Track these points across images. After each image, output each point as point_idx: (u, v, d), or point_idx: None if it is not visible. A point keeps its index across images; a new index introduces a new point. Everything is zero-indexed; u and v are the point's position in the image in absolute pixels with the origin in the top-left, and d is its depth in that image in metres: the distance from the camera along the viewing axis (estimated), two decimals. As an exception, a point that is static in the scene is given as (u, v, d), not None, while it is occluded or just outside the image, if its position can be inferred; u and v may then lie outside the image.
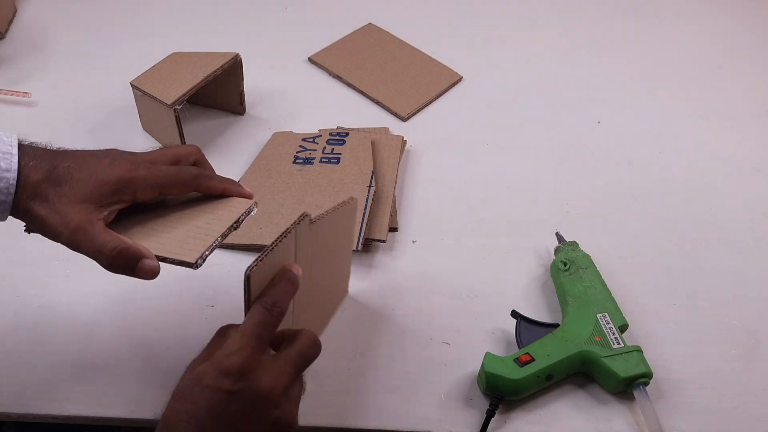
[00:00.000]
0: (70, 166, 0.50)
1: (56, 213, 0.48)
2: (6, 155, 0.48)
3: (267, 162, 0.81)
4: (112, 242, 0.48)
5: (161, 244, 0.50)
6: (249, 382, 0.45)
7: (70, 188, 0.49)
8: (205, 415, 0.44)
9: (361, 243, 0.70)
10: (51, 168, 0.49)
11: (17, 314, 0.66)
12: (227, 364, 0.45)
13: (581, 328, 0.63)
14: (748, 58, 1.03)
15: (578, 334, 0.62)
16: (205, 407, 0.44)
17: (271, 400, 0.45)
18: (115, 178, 0.50)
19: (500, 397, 0.59)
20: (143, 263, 0.48)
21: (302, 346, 0.49)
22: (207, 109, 0.89)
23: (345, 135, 0.83)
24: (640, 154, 0.86)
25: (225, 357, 0.45)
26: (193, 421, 0.43)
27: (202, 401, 0.44)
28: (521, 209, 0.79)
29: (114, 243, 0.48)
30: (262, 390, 0.45)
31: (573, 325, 0.63)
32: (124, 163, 0.51)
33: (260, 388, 0.45)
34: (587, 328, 0.63)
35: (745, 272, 0.73)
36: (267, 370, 0.46)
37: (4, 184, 0.48)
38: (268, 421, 0.45)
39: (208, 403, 0.44)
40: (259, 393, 0.45)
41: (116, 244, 0.48)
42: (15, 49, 0.96)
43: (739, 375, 0.64)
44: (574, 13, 1.09)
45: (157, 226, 0.53)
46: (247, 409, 0.45)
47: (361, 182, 0.76)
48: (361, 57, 0.98)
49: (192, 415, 0.44)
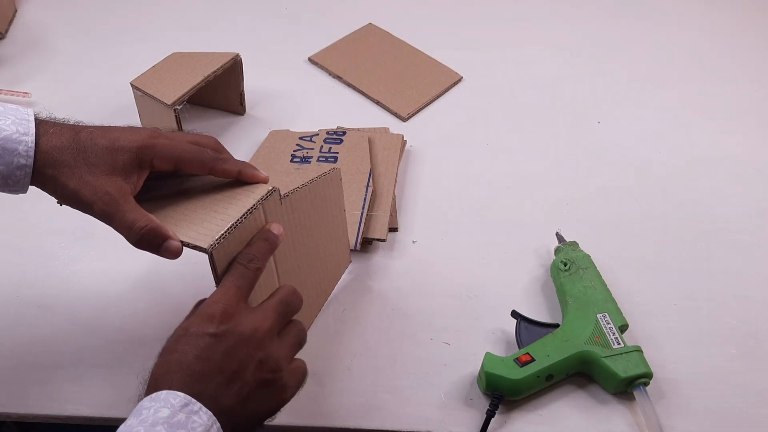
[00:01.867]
0: (93, 131, 0.51)
1: (88, 185, 0.50)
2: (23, 121, 0.50)
3: (264, 160, 0.81)
4: (143, 220, 0.50)
5: (178, 227, 0.51)
6: (232, 325, 0.46)
7: (95, 156, 0.50)
8: (192, 361, 0.45)
9: (360, 242, 0.70)
10: (74, 134, 0.51)
11: (17, 314, 0.66)
12: (210, 311, 0.47)
13: (581, 329, 0.63)
14: (748, 58, 1.03)
15: (578, 335, 0.62)
16: (192, 353, 0.45)
17: (255, 341, 0.47)
18: (137, 144, 0.51)
19: (500, 397, 0.59)
20: (168, 243, 0.50)
21: (282, 294, 0.51)
22: (207, 109, 0.89)
23: (342, 134, 0.83)
24: (639, 154, 0.86)
25: (208, 305, 0.47)
26: (181, 369, 0.44)
27: (189, 347, 0.45)
28: (521, 209, 0.79)
29: (144, 221, 0.50)
30: (246, 332, 0.47)
31: (573, 325, 0.63)
32: (144, 130, 0.53)
33: (243, 330, 0.47)
34: (587, 328, 0.63)
35: (745, 272, 0.73)
36: (248, 315, 0.48)
37: (23, 147, 0.49)
38: (253, 363, 0.46)
39: (195, 349, 0.45)
40: (243, 334, 0.47)
41: (146, 222, 0.50)
42: (15, 49, 0.96)
43: (739, 375, 0.64)
44: (574, 13, 1.09)
45: (176, 211, 0.53)
46: (231, 351, 0.46)
47: (358, 181, 0.76)
48: (361, 57, 0.98)
49: (180, 363, 0.45)
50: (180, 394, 0.43)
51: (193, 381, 0.44)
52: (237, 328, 0.47)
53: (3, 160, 0.48)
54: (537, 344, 0.62)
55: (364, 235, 0.71)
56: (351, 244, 0.70)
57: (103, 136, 0.51)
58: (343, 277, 0.71)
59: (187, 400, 0.43)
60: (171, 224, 0.51)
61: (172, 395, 0.43)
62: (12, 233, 0.73)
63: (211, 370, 0.45)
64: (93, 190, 0.50)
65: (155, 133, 0.53)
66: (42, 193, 0.52)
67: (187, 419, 0.42)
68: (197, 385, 0.44)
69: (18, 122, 0.49)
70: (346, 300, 0.69)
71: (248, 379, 0.46)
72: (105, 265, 0.70)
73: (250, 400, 0.46)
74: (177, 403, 0.42)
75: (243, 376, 0.46)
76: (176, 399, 0.42)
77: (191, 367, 0.44)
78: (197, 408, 0.43)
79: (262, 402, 0.47)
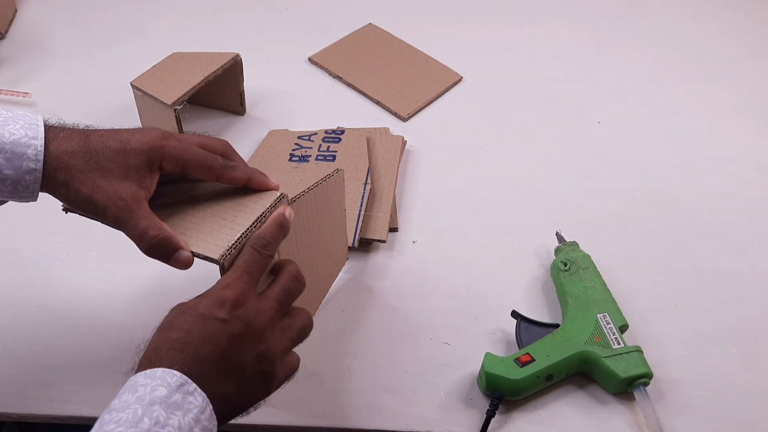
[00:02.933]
0: (103, 134, 0.51)
1: (101, 190, 0.49)
2: (32, 126, 0.49)
3: (263, 159, 0.81)
4: (154, 229, 0.49)
5: (188, 237, 0.51)
6: (242, 312, 0.46)
7: (107, 160, 0.50)
8: (198, 342, 0.45)
9: (357, 240, 0.70)
10: (84, 138, 0.50)
11: (17, 314, 0.66)
12: (222, 295, 0.46)
13: (581, 329, 0.63)
14: (749, 57, 1.03)
15: (578, 335, 0.62)
16: (199, 334, 0.45)
17: (258, 334, 0.47)
18: (148, 146, 0.51)
19: (500, 397, 0.59)
20: (179, 254, 0.50)
21: (285, 281, 0.51)
22: (207, 109, 0.89)
23: (341, 133, 0.83)
24: (640, 154, 0.86)
25: (219, 290, 0.47)
26: (186, 348, 0.44)
27: (196, 328, 0.45)
28: (521, 209, 0.79)
29: (156, 230, 0.49)
30: (253, 322, 0.47)
31: (573, 325, 0.63)
32: (154, 131, 0.52)
33: (251, 320, 0.47)
34: (587, 328, 0.63)
35: (745, 273, 0.73)
36: (257, 304, 0.48)
37: (32, 151, 0.48)
38: (253, 354, 0.47)
39: (202, 330, 0.45)
40: (251, 325, 0.47)
41: (158, 231, 0.49)
42: (15, 49, 0.96)
43: (739, 375, 0.64)
44: (575, 13, 1.09)
45: (185, 219, 0.53)
46: (236, 339, 0.46)
47: (357, 179, 0.76)
48: (361, 57, 0.98)
49: (185, 342, 0.44)
50: (177, 374, 0.42)
51: (197, 363, 0.44)
52: (246, 316, 0.47)
53: (12, 165, 0.48)
54: (537, 344, 0.62)
55: (364, 236, 0.71)
56: (349, 242, 0.70)
57: (113, 139, 0.51)
58: (343, 277, 0.71)
59: (183, 380, 0.42)
60: (180, 233, 0.51)
61: (168, 374, 0.42)
62: (12, 233, 0.73)
63: (216, 355, 0.45)
64: (107, 195, 0.49)
65: (165, 134, 0.52)
66: (42, 193, 0.51)
67: (183, 400, 0.42)
68: (200, 367, 0.44)
69: (27, 126, 0.49)
70: (346, 300, 0.69)
71: (247, 370, 0.46)
72: (105, 266, 0.70)
73: (244, 389, 0.46)
74: (174, 383, 0.42)
75: (243, 366, 0.46)
76: (173, 378, 0.42)
77: (197, 349, 0.44)
78: (192, 389, 0.43)
79: (253, 392, 0.48)
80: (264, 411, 0.60)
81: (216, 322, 0.45)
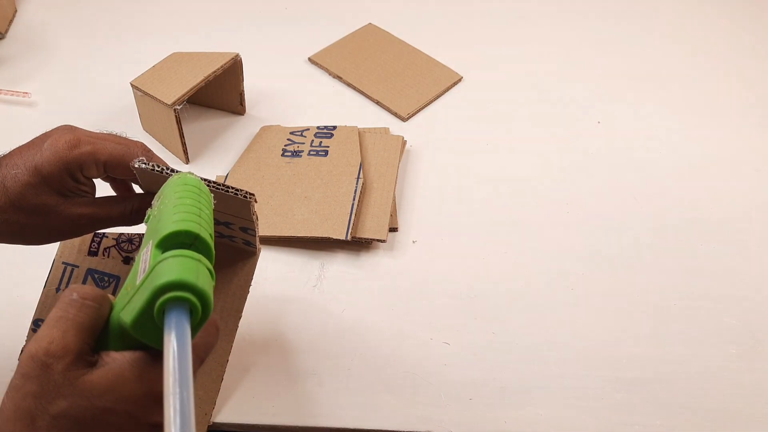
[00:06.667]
0: (17, 174, 0.48)
1: (54, 231, 0.51)
2: None
3: (256, 155, 0.82)
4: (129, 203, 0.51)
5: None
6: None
7: (29, 203, 0.48)
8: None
9: (350, 233, 0.70)
10: (1, 183, 0.47)
11: (17, 314, 0.66)
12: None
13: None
14: (748, 57, 1.03)
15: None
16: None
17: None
18: (61, 162, 0.48)
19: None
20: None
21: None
22: (207, 109, 0.89)
23: (333, 128, 0.84)
24: (639, 154, 0.86)
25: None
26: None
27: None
28: (521, 209, 0.79)
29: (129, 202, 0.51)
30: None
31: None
32: (61, 139, 0.48)
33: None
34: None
35: (745, 272, 0.73)
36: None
37: None
38: None
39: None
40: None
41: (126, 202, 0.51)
42: (15, 49, 0.96)
43: (739, 375, 0.64)
44: (574, 13, 1.09)
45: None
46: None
47: (349, 174, 0.77)
48: (361, 57, 0.98)
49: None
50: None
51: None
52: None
53: None
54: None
55: (364, 236, 0.72)
56: (342, 235, 0.70)
57: (26, 170, 0.47)
58: (343, 276, 0.71)
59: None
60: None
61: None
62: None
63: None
64: (60, 231, 0.50)
65: (74, 141, 0.48)
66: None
67: None
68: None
69: None
70: (346, 300, 0.69)
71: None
72: (105, 265, 0.70)
73: None
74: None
75: None
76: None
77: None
78: None
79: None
80: (264, 411, 0.61)
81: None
